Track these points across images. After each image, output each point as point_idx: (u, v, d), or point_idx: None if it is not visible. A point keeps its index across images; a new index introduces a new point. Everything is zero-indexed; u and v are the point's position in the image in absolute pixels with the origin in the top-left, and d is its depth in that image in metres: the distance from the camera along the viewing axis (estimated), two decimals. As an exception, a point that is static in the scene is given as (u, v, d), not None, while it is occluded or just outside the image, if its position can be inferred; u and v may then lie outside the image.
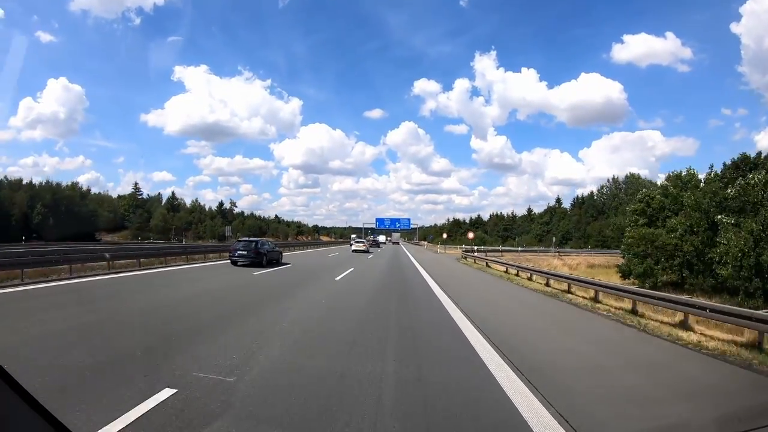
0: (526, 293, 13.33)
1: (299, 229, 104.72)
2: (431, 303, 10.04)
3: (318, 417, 3.42)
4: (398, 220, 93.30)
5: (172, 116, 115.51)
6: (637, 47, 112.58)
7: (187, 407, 3.42)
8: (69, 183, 65.31)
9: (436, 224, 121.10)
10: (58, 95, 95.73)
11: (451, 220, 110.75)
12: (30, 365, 4.24)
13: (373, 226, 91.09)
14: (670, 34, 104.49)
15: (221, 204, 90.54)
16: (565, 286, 13.50)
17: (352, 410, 3.54)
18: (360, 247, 38.42)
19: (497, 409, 3.78)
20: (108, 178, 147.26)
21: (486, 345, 5.99)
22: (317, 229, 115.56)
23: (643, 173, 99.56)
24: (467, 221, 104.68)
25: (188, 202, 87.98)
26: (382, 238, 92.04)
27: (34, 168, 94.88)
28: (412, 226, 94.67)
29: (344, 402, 3.71)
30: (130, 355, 4.74)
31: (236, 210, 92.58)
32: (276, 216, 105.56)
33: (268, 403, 3.67)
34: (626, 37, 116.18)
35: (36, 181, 59.94)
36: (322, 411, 3.52)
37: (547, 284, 14.83)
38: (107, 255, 14.18)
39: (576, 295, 12.45)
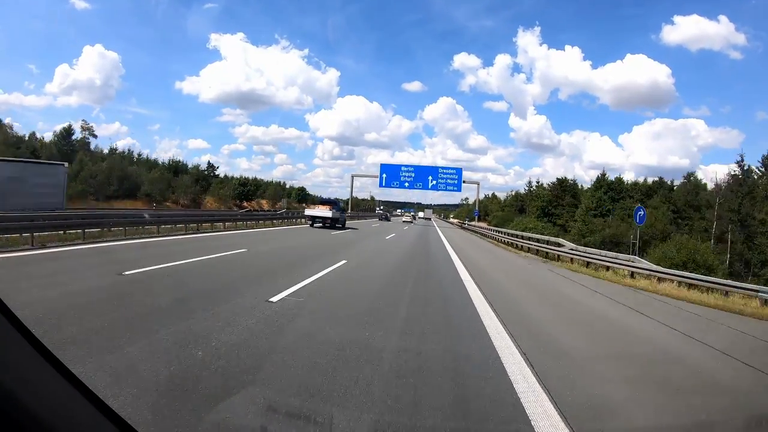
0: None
1: (244, 189, 57.53)
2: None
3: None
4: (433, 170, 45.70)
5: (207, 84, 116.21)
6: (688, 29, 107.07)
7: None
8: None
9: (495, 195, 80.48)
10: (93, 62, 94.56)
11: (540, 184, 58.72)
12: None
13: (377, 191, 72.59)
14: (723, 18, 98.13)
15: (68, 132, 47.26)
16: None
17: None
18: (408, 218, 55.39)
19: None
20: (144, 144, 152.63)
21: None
22: (302, 195, 75.52)
23: (684, 163, 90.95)
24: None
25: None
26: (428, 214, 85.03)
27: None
28: (463, 190, 67.26)
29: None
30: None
31: (98, 145, 52.04)
32: (198, 166, 57.76)
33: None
34: (677, 18, 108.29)
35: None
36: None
37: None
38: None
39: None
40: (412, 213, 78.24)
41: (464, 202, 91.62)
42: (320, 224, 24.14)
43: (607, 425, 3.10)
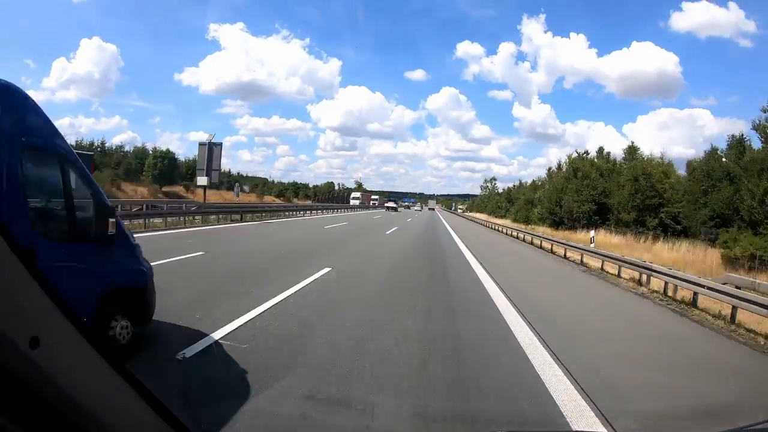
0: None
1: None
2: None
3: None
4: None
5: (207, 75, 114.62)
6: (698, 16, 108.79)
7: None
8: None
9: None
10: (92, 55, 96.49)
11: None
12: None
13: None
14: (732, 4, 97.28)
15: None
16: None
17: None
18: (417, 208, 67.73)
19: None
20: (144, 137, 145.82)
21: None
22: (168, 168, 45.25)
23: (689, 153, 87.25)
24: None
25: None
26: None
27: (70, 128, 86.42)
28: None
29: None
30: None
31: None
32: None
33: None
34: (686, 5, 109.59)
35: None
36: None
37: None
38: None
39: None
40: (413, 202, 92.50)
41: (488, 184, 75.19)
42: (389, 210, 56.34)
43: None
